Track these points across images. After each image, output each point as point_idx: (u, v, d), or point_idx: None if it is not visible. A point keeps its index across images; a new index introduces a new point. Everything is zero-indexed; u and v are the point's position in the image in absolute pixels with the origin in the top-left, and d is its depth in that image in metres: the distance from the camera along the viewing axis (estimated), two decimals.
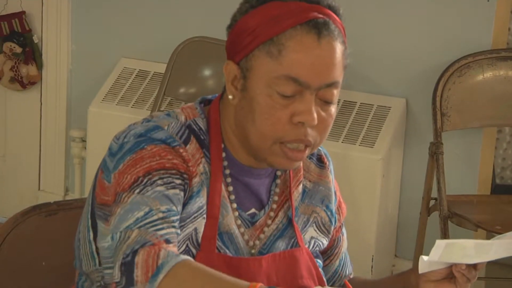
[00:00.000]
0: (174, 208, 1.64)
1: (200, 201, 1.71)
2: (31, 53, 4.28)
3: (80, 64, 4.31)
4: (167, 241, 1.58)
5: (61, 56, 4.29)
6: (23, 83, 4.31)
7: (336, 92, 1.70)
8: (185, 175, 1.69)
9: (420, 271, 1.77)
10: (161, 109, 3.78)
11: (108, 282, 1.62)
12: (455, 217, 3.38)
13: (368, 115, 3.75)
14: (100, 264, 1.75)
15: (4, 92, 4.38)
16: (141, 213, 1.60)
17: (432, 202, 3.57)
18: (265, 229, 1.81)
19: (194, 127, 1.75)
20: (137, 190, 1.63)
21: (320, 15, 1.66)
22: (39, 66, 4.31)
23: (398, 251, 3.91)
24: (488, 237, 3.69)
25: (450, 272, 1.80)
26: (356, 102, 3.80)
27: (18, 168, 4.45)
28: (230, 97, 1.72)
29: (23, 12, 4.28)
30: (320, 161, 1.92)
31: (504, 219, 3.38)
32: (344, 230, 1.99)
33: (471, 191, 3.71)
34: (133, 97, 4.02)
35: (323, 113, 1.69)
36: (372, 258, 3.63)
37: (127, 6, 4.17)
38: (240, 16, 1.70)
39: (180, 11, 4.05)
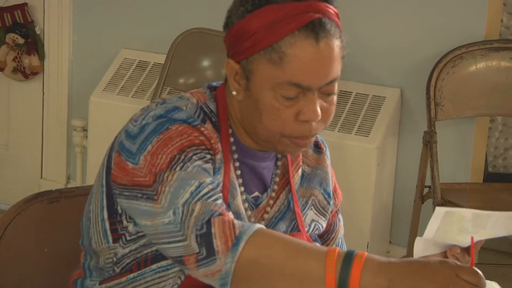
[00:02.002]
0: (214, 180, 1.67)
1: (219, 178, 1.74)
2: (33, 44, 4.28)
3: (81, 55, 4.31)
4: (227, 209, 1.62)
5: (63, 47, 4.29)
6: (25, 74, 4.31)
7: (336, 84, 1.73)
8: (211, 151, 1.72)
9: (415, 255, 1.78)
10: None
11: (175, 254, 1.62)
12: (448, 204, 3.38)
13: (364, 105, 3.76)
14: (113, 242, 1.77)
15: (7, 82, 4.38)
16: (193, 188, 1.62)
17: (426, 190, 3.57)
18: (268, 209, 1.84)
19: (206, 109, 1.78)
20: (178, 168, 1.65)
21: (316, 15, 1.67)
22: (41, 57, 4.31)
23: (393, 237, 3.92)
24: None
25: (443, 257, 1.81)
26: (351, 92, 3.81)
27: (21, 157, 4.46)
28: (234, 93, 1.75)
29: (26, 4, 4.27)
30: (317, 147, 1.95)
31: (496, 206, 3.38)
32: (340, 216, 2.02)
33: (464, 179, 3.72)
34: (133, 87, 4.02)
35: (325, 104, 1.72)
36: (367, 245, 3.64)
37: None
38: (237, 20, 1.70)
39: (179, 3, 4.05)
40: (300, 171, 1.90)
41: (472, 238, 1.66)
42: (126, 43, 4.18)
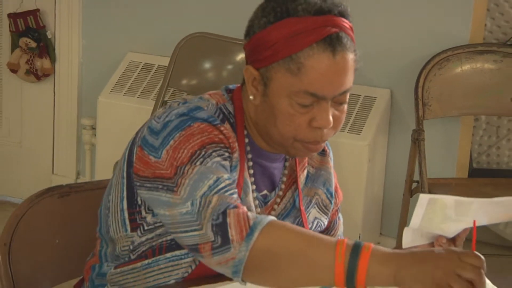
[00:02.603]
0: (231, 176, 1.68)
1: (234, 175, 1.76)
2: (45, 47, 4.28)
3: (90, 58, 4.31)
4: (241, 203, 1.63)
5: (73, 50, 4.29)
6: (37, 75, 4.31)
7: (348, 94, 1.75)
8: (229, 150, 1.73)
9: (404, 245, 1.78)
10: (165, 99, 3.78)
11: (191, 242, 1.63)
12: None
13: (356, 105, 3.76)
14: (131, 231, 1.78)
15: (20, 83, 4.38)
16: (211, 181, 1.64)
17: (414, 185, 3.57)
18: (275, 207, 1.86)
19: (225, 110, 1.79)
20: (198, 162, 1.66)
21: (333, 29, 1.69)
22: (52, 60, 4.31)
23: (383, 229, 3.92)
24: None
25: (431, 246, 1.82)
26: None
27: (33, 154, 4.46)
28: (251, 97, 1.76)
29: (38, 10, 4.27)
30: (322, 150, 1.95)
31: None
32: (340, 215, 2.04)
33: (450, 175, 3.72)
34: (139, 88, 4.02)
35: (337, 112, 1.74)
36: (359, 236, 3.64)
37: (134, 4, 4.17)
38: (259, 30, 1.72)
39: (182, 8, 4.05)
40: (305, 171, 1.91)
41: (474, 221, 1.66)
42: (132, 46, 4.18)
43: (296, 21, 1.68)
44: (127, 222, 1.79)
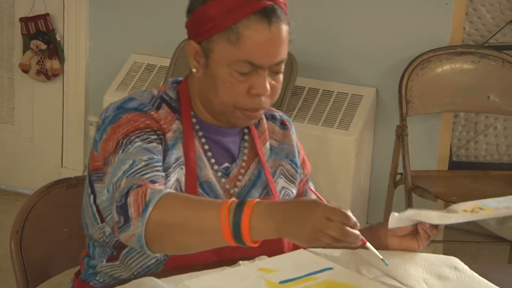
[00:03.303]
0: (155, 156, 1.68)
1: (177, 153, 1.75)
2: (54, 49, 4.28)
3: (96, 59, 4.31)
4: (153, 182, 1.61)
5: (80, 52, 4.29)
6: (47, 75, 4.31)
7: (283, 64, 1.76)
8: (158, 132, 1.73)
9: (389, 227, 1.79)
10: None
11: (110, 226, 1.64)
12: (418, 189, 3.39)
13: (344, 102, 3.76)
14: (101, 222, 1.79)
15: (31, 83, 4.38)
16: (127, 166, 1.64)
17: (398, 177, 3.58)
18: (240, 177, 1.85)
19: (165, 97, 1.81)
20: (120, 151, 1.67)
21: (268, 2, 1.70)
22: (61, 61, 4.31)
23: (369, 218, 3.92)
24: (446, 206, 3.71)
25: (414, 230, 1.83)
26: (333, 91, 3.81)
27: (44, 148, 4.46)
28: (194, 70, 1.78)
29: (47, 14, 4.27)
30: (283, 124, 1.97)
31: (459, 191, 3.39)
32: (311, 184, 2.03)
33: (431, 167, 3.72)
34: (142, 87, 4.02)
35: (273, 82, 1.76)
36: None
37: (137, 8, 4.17)
38: (199, 5, 1.74)
39: (182, 13, 4.03)
40: (267, 144, 1.92)
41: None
42: (136, 48, 4.18)
43: None
44: (96, 215, 1.80)
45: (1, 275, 3.50)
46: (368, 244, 1.48)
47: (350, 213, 1.46)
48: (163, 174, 1.66)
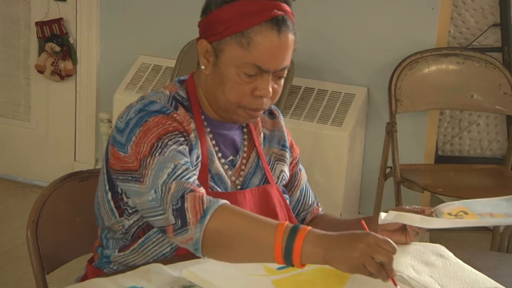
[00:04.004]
0: (188, 159, 1.69)
1: (197, 152, 1.76)
2: (68, 51, 4.28)
3: (107, 60, 4.30)
4: (198, 186, 1.64)
5: (92, 54, 4.29)
6: (61, 76, 4.31)
7: (286, 70, 1.77)
8: (184, 133, 1.73)
9: (379, 223, 1.79)
10: None
11: (160, 225, 1.64)
12: (406, 181, 3.39)
13: (337, 101, 3.76)
14: (120, 216, 1.79)
15: (46, 82, 4.38)
16: (169, 169, 1.64)
17: (388, 170, 3.58)
18: (243, 167, 1.86)
19: (178, 97, 1.80)
20: (157, 153, 1.67)
21: (280, 12, 1.71)
22: (74, 62, 4.31)
23: (361, 209, 3.93)
24: (432, 197, 3.71)
25: (403, 226, 1.82)
26: (327, 90, 3.81)
27: (58, 143, 4.46)
28: (202, 67, 1.78)
29: (61, 19, 4.27)
30: (271, 114, 1.98)
31: (445, 183, 3.39)
32: (301, 166, 2.03)
33: (418, 161, 3.73)
34: (149, 87, 4.02)
35: (275, 85, 1.77)
36: (340, 214, 3.65)
37: (145, 13, 4.16)
38: (215, 8, 1.73)
39: (187, 17, 4.04)
40: (262, 134, 1.93)
41: (362, 221, 1.67)
42: (144, 50, 4.18)
43: (248, 2, 1.70)
44: (114, 210, 1.80)
45: (19, 262, 3.51)
46: (398, 287, 1.48)
47: (396, 246, 1.47)
48: (197, 176, 1.69)
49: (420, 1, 3.65)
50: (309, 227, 1.50)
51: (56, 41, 4.26)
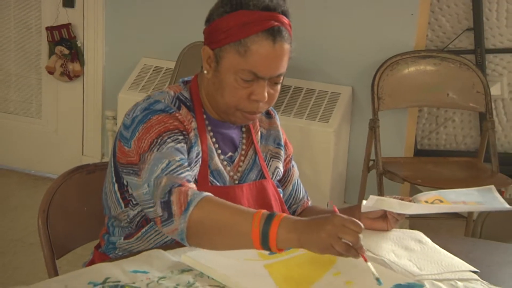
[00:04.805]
0: (184, 157, 1.68)
1: (197, 149, 1.76)
2: (76, 54, 4.27)
3: (111, 62, 4.30)
4: (188, 181, 1.62)
5: (98, 56, 4.28)
6: (70, 76, 4.30)
7: (282, 77, 1.75)
8: (184, 132, 1.73)
9: (362, 211, 1.79)
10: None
11: (151, 216, 1.64)
12: (388, 173, 3.40)
13: (324, 99, 3.76)
14: (125, 207, 1.78)
15: (56, 83, 4.37)
16: (164, 165, 1.63)
17: (371, 163, 3.58)
18: (241, 164, 1.85)
19: (182, 97, 1.79)
20: (155, 149, 1.66)
21: (276, 23, 1.69)
22: (82, 64, 4.30)
23: (346, 198, 3.93)
24: (412, 188, 3.72)
25: (384, 214, 1.82)
26: (315, 90, 3.81)
27: (67, 139, 4.45)
28: (205, 72, 1.77)
29: (70, 24, 4.26)
30: (268, 114, 1.97)
31: (423, 174, 3.40)
32: (294, 163, 2.03)
33: (399, 154, 3.73)
34: (151, 86, 4.01)
35: (271, 91, 1.75)
36: (327, 204, 3.65)
37: (147, 19, 4.16)
38: (217, 17, 1.72)
39: (186, 22, 4.04)
40: (259, 133, 1.92)
41: (334, 206, 1.67)
42: (146, 53, 4.17)
43: (247, 13, 1.69)
44: (120, 200, 1.79)
45: (31, 248, 3.51)
46: (369, 263, 1.46)
47: (362, 225, 1.45)
48: (191, 172, 1.68)
49: (400, 7, 3.65)
50: (284, 214, 1.49)
51: (65, 44, 4.25)
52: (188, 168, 1.67)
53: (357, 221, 1.44)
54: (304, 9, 3.77)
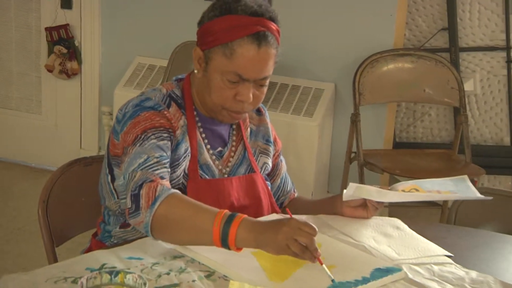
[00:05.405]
0: (164, 154, 1.66)
1: (185, 145, 1.74)
2: (74, 53, 4.25)
3: (107, 61, 4.28)
4: (162, 178, 1.61)
5: (94, 55, 4.26)
6: (68, 74, 4.28)
7: (267, 80, 1.74)
8: (170, 130, 1.71)
9: (343, 199, 1.80)
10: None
11: (123, 208, 1.63)
12: (368, 164, 3.41)
13: (309, 95, 3.76)
14: (117, 198, 1.78)
15: (55, 80, 4.35)
16: (142, 160, 1.62)
17: (352, 155, 3.59)
18: (230, 159, 1.84)
19: (173, 95, 1.78)
20: (138, 144, 1.65)
21: (262, 28, 1.67)
22: (79, 62, 4.28)
23: (330, 188, 3.94)
24: (390, 178, 3.73)
25: (364, 202, 1.83)
26: (300, 86, 3.81)
27: (66, 133, 4.43)
28: (195, 71, 1.77)
29: (67, 24, 4.24)
30: (259, 111, 1.95)
31: (401, 166, 3.41)
32: (282, 157, 2.02)
33: (379, 147, 3.74)
34: (145, 84, 4.00)
35: (257, 92, 1.74)
36: (312, 194, 3.66)
37: (141, 20, 4.14)
38: (207, 20, 1.72)
39: (177, 23, 4.03)
40: (249, 129, 1.91)
41: (288, 210, 1.67)
42: (140, 52, 4.16)
43: (235, 18, 1.68)
44: (113, 191, 1.79)
45: (32, 236, 3.50)
46: (324, 266, 1.46)
47: (316, 228, 1.45)
48: (169, 170, 1.66)
49: (379, 9, 3.65)
50: (245, 215, 1.48)
51: (63, 44, 4.23)
52: (166, 165, 1.65)
53: (312, 224, 1.44)
54: (290, 10, 3.77)
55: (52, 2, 4.24)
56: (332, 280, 1.44)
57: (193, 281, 1.46)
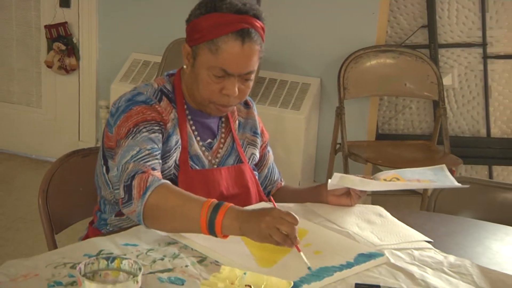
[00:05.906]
0: (156, 146, 1.66)
1: (176, 137, 1.74)
2: (72, 49, 4.23)
3: (104, 57, 4.26)
4: (153, 169, 1.60)
5: (92, 52, 4.25)
6: (66, 70, 4.26)
7: (252, 74, 1.73)
8: (161, 123, 1.71)
9: (328, 188, 1.80)
10: None
11: (117, 198, 1.63)
12: (352, 155, 3.41)
13: (296, 89, 3.76)
14: (112, 188, 1.78)
15: (54, 76, 4.33)
16: (134, 152, 1.62)
17: (337, 146, 3.59)
18: (220, 150, 1.84)
19: (164, 90, 1.78)
20: (130, 137, 1.65)
21: (246, 25, 1.67)
22: (77, 58, 4.26)
23: (316, 178, 3.94)
24: (373, 168, 3.74)
25: (348, 191, 1.83)
26: (288, 81, 3.81)
27: (65, 126, 4.42)
28: (184, 66, 1.77)
29: (66, 22, 4.22)
30: (246, 104, 1.95)
31: (383, 156, 3.41)
32: (269, 148, 2.02)
33: (362, 138, 3.75)
34: (140, 78, 3.99)
35: (242, 86, 1.73)
36: (299, 183, 3.66)
37: (136, 18, 4.13)
38: (194, 18, 1.71)
39: (171, 21, 4.02)
40: (237, 122, 1.91)
41: (272, 199, 1.67)
42: (135, 48, 4.15)
43: (220, 15, 1.67)
44: (108, 181, 1.79)
45: (32, 224, 3.49)
46: (301, 253, 1.46)
47: (297, 218, 1.45)
48: (160, 161, 1.65)
49: (362, 7, 3.65)
50: (231, 204, 1.48)
51: (62, 41, 4.21)
52: (158, 157, 1.64)
53: (294, 214, 1.44)
54: (278, 9, 3.77)
55: (51, 1, 4.23)
56: (309, 268, 1.44)
57: (186, 266, 1.46)
